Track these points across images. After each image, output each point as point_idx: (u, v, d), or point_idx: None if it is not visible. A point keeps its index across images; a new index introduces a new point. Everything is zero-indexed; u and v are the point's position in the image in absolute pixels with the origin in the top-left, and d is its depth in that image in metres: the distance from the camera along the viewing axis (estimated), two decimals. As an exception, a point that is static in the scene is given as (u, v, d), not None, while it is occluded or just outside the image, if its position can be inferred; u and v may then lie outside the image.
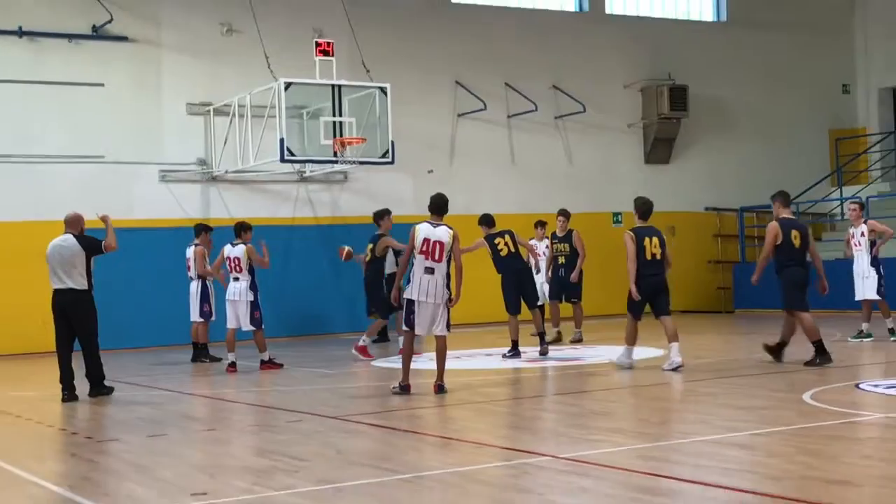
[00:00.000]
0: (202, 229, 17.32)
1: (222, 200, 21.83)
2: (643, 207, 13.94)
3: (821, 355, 13.35)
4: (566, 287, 17.66)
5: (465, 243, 22.71)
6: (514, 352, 15.72)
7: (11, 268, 19.09)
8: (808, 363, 13.24)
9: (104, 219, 12.90)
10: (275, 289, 19.98)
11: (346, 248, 18.12)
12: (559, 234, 17.76)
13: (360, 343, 16.49)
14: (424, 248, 11.71)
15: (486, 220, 16.20)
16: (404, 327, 11.89)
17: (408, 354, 11.94)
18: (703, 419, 9.77)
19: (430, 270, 11.68)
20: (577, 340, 18.01)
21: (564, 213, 18.00)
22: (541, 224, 18.94)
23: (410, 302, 11.73)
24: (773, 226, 13.79)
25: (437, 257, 11.70)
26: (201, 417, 11.53)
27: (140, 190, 21.02)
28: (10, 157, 20.20)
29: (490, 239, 15.81)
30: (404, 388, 11.74)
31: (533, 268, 17.02)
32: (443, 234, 11.78)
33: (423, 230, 11.83)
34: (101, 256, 12.84)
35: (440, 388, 11.75)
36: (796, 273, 13.77)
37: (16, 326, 19.29)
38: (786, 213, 14.04)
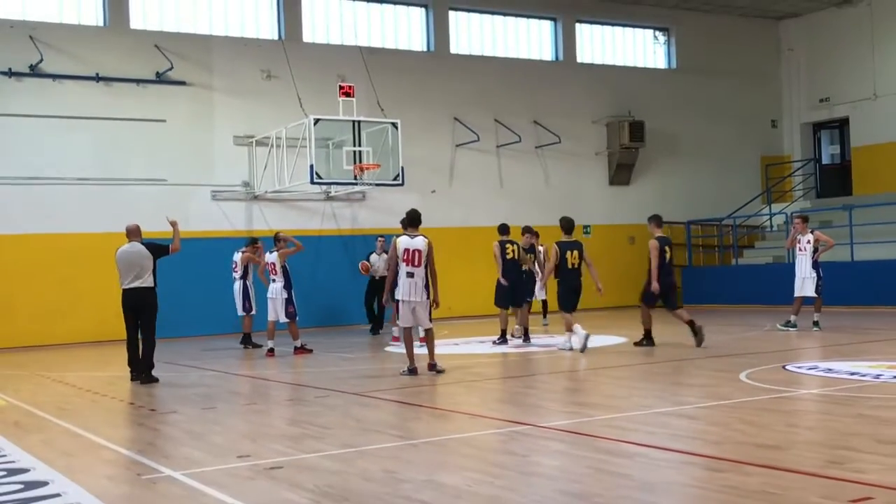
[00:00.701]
0: (251, 241, 17.34)
1: (262, 215, 21.84)
2: (566, 225, 14.41)
3: (647, 339, 14.22)
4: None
5: (452, 249, 22.82)
6: (503, 339, 15.67)
7: (94, 270, 19.15)
8: (637, 343, 14.17)
9: (174, 223, 12.67)
10: (306, 287, 19.94)
11: (365, 262, 18.61)
12: (524, 246, 16.44)
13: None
14: (406, 257, 11.63)
15: (503, 229, 16.13)
16: (399, 323, 11.91)
17: (409, 344, 11.89)
18: (657, 395, 9.75)
19: (410, 275, 11.64)
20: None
21: (529, 230, 17.02)
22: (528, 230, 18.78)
23: (398, 301, 11.73)
24: (654, 243, 14.17)
25: (416, 263, 11.64)
26: (245, 393, 11.51)
27: (195, 206, 21.02)
28: (91, 180, 20.25)
29: (502, 244, 15.78)
30: (412, 371, 11.72)
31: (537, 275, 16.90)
32: (420, 243, 11.70)
33: (404, 241, 11.71)
34: (165, 261, 12.76)
35: (432, 367, 11.80)
36: (667, 280, 14.31)
37: (97, 318, 19.30)
38: (659, 232, 14.41)
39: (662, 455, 6.59)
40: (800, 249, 16.49)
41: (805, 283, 16.28)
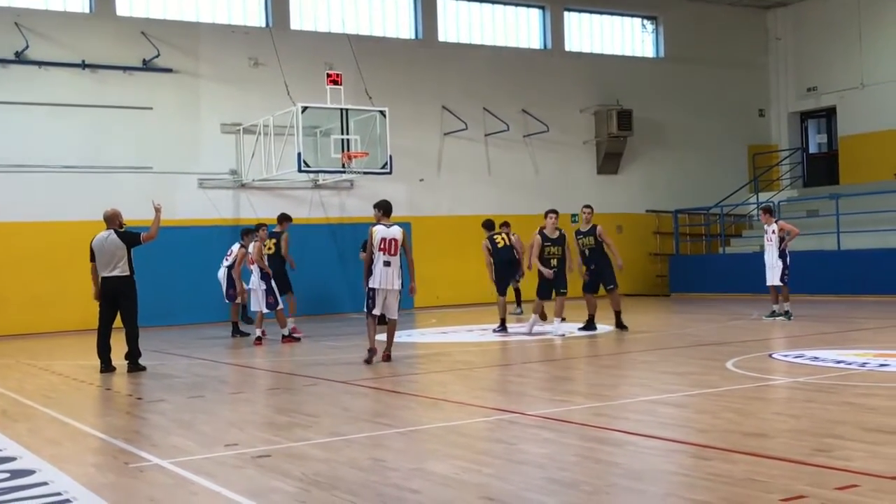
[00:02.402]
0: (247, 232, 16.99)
1: (250, 204, 21.76)
2: (488, 224, 16.66)
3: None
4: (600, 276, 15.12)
5: (440, 238, 22.84)
6: (502, 328, 15.61)
7: (80, 259, 18.92)
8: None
9: (157, 209, 12.43)
10: (293, 276, 19.85)
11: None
12: (583, 228, 15.13)
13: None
14: (382, 246, 11.67)
15: (488, 224, 16.32)
16: (365, 309, 11.86)
17: (372, 329, 11.89)
18: (644, 383, 9.78)
19: (387, 263, 11.67)
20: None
21: (589, 207, 15.31)
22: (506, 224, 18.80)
23: (373, 290, 11.72)
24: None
25: (392, 252, 11.69)
26: (232, 382, 11.49)
27: (182, 195, 20.93)
28: (77, 168, 20.16)
29: (491, 238, 16.12)
30: (371, 352, 11.80)
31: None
32: (396, 232, 11.78)
33: (380, 231, 11.74)
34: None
35: (388, 358, 11.84)
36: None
37: (84, 307, 19.17)
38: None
39: (649, 443, 6.61)
40: (767, 239, 16.63)
41: (773, 272, 16.37)
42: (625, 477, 5.70)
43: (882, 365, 10.05)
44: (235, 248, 16.80)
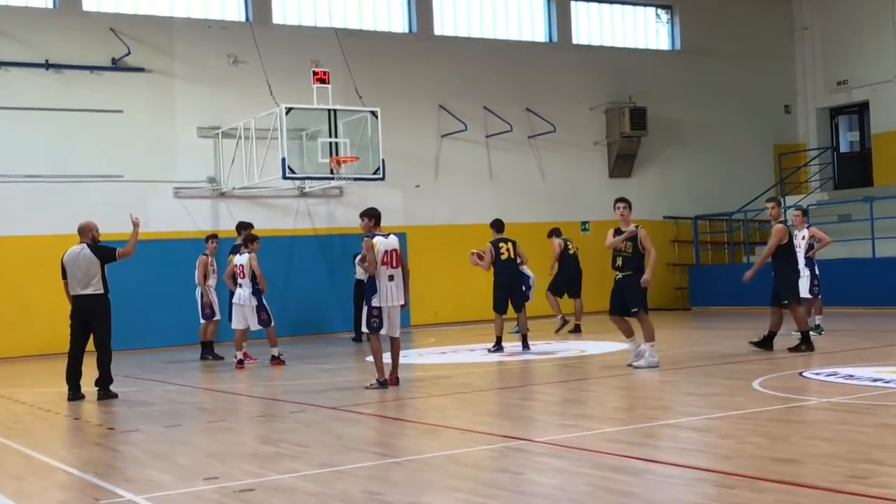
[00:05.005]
0: (209, 237, 17.23)
1: (230, 214, 21.69)
2: (497, 224, 16.37)
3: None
4: None
5: (438, 250, 22.86)
6: (498, 347, 15.70)
7: (46, 276, 19.01)
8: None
9: (136, 223, 12.47)
10: (278, 292, 19.83)
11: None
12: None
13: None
14: (386, 259, 11.61)
15: (497, 225, 16.27)
16: (368, 330, 11.70)
17: (378, 354, 11.80)
18: (663, 405, 9.78)
19: (391, 278, 11.61)
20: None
21: (775, 200, 14.76)
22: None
23: (378, 308, 11.60)
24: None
25: (395, 264, 11.65)
26: (213, 409, 11.45)
27: (156, 205, 20.91)
28: (41, 177, 20.15)
29: (495, 243, 15.94)
30: (382, 384, 11.68)
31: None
32: (395, 242, 11.77)
33: (381, 243, 11.65)
34: (124, 264, 12.66)
35: (397, 381, 11.79)
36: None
37: (50, 328, 19.18)
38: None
39: (669, 471, 6.61)
40: (796, 246, 16.56)
41: (802, 282, 16.28)
42: (643, 508, 5.70)
43: (923, 383, 10.05)
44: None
